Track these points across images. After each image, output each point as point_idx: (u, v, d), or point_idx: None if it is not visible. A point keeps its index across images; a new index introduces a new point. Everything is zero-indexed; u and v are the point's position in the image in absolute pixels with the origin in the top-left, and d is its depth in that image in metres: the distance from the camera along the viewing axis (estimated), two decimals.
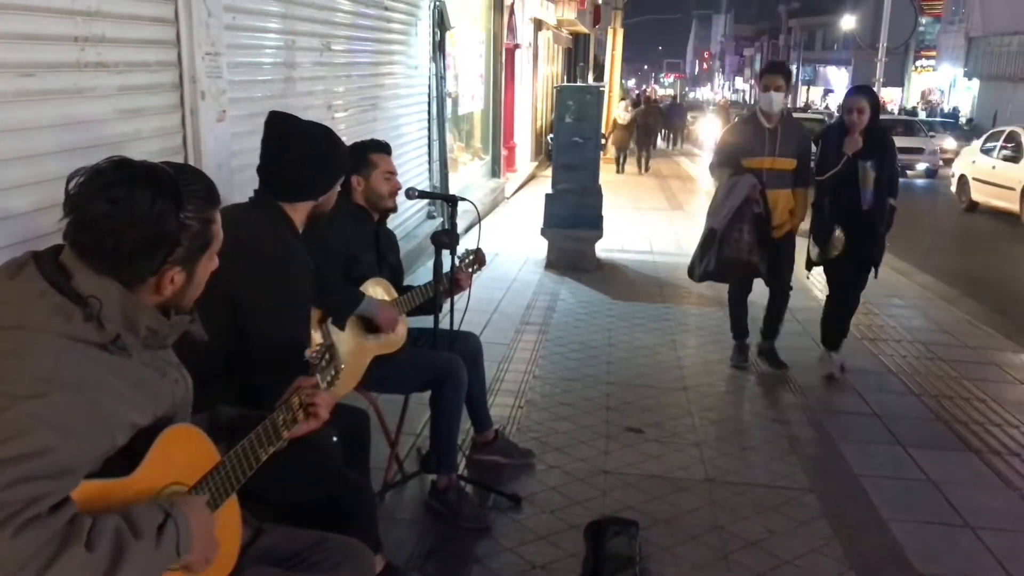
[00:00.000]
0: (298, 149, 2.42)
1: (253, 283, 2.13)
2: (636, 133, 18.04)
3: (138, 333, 1.50)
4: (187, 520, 1.43)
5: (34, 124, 2.64)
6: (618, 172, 17.31)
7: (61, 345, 1.39)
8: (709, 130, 23.23)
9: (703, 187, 14.71)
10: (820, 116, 23.45)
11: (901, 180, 5.28)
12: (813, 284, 7.48)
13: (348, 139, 3.52)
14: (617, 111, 18.06)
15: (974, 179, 14.11)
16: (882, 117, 5.58)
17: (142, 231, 1.45)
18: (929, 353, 5.55)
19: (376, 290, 3.12)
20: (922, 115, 31.43)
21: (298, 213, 2.43)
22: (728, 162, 4.93)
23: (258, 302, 2.16)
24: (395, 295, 3.22)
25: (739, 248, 4.77)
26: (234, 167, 3.78)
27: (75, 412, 1.35)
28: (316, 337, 2.82)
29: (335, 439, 2.28)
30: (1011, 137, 13.74)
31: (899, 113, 30.10)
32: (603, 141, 13.55)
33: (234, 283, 1.76)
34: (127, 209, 1.44)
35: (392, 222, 3.38)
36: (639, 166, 17.97)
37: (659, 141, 20.80)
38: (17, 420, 1.30)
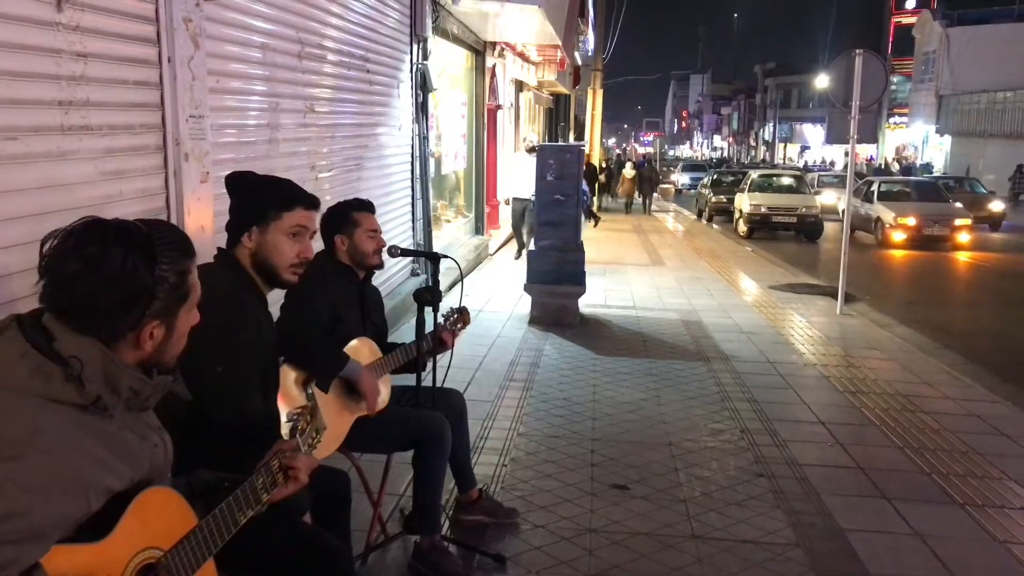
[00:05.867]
0: (232, 185, 2.46)
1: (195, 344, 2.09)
2: (640, 184, 24.47)
3: (120, 394, 1.49)
4: None
5: (17, 187, 2.65)
6: (627, 213, 23.60)
7: (39, 406, 1.38)
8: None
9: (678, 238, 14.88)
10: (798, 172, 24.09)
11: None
12: (792, 334, 7.53)
13: (332, 199, 3.56)
14: (625, 168, 25.36)
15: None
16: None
17: (116, 288, 1.46)
18: (911, 405, 5.58)
19: (362, 349, 3.10)
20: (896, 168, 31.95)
21: (244, 256, 2.38)
22: None
23: (198, 364, 2.05)
24: (379, 354, 3.21)
25: None
26: (217, 228, 3.79)
27: (50, 475, 1.34)
28: (299, 399, 2.81)
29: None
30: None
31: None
32: (584, 197, 14.01)
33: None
34: (100, 267, 1.45)
35: (376, 279, 3.38)
36: (644, 208, 24.20)
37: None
38: None
